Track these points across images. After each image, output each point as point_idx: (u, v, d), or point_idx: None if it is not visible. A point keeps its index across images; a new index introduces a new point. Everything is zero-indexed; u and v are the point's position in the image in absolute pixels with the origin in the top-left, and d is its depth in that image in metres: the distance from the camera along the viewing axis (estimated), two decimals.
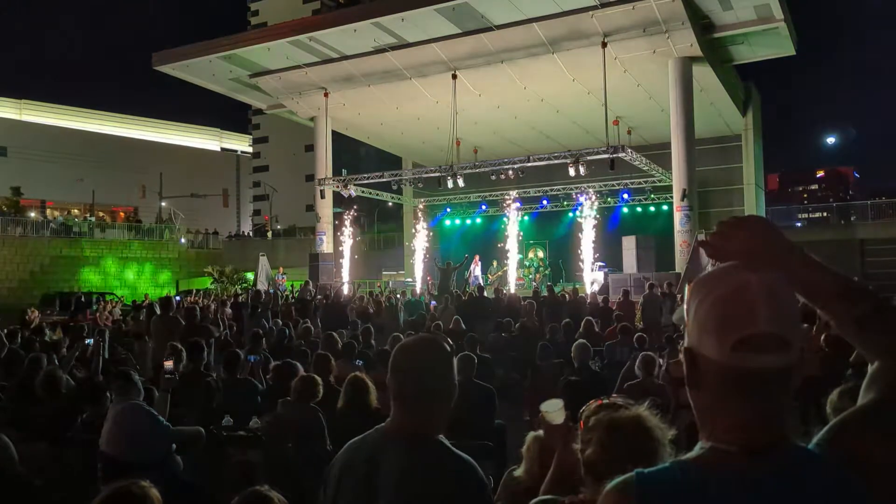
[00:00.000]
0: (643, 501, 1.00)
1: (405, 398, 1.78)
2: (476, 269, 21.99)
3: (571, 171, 17.13)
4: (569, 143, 22.01)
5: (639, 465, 1.54)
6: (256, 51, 19.48)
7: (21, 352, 6.81)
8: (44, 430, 4.91)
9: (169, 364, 5.42)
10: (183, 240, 37.23)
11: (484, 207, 26.37)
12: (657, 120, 19.64)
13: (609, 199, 23.49)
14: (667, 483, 1.01)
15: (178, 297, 17.15)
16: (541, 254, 25.00)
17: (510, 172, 18.55)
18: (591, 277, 18.54)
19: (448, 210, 27.48)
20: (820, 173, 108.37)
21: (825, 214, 34.53)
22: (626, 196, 22.85)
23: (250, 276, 27.46)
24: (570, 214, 21.99)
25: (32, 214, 38.26)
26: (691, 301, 1.07)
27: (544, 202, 24.54)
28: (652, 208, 23.24)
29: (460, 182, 18.51)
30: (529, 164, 18.44)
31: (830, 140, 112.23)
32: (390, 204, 28.26)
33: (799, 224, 30.46)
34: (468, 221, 27.43)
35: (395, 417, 1.79)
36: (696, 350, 1.05)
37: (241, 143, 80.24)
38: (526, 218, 23.68)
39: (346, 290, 18.49)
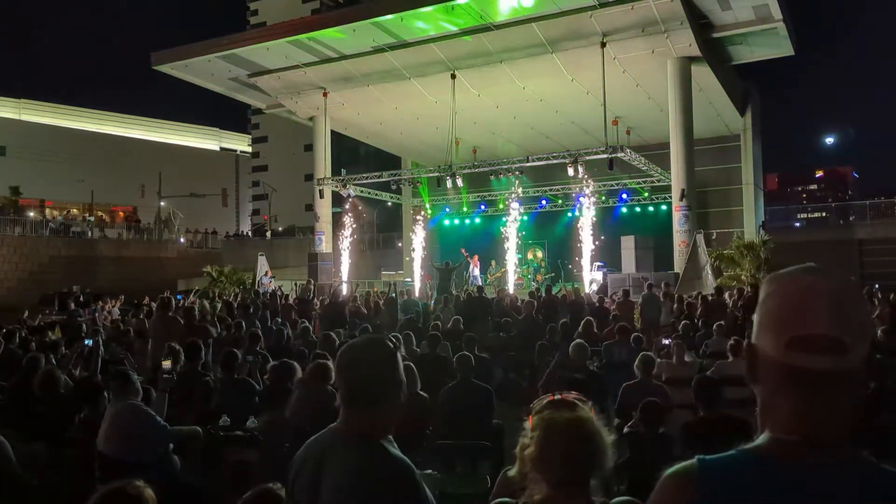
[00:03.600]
0: (703, 486, 1.02)
1: (347, 399, 1.79)
2: (475, 270, 21.97)
3: (570, 171, 17.13)
4: (568, 143, 22.01)
5: (572, 469, 1.61)
6: (255, 50, 19.49)
7: (19, 351, 6.81)
8: (42, 430, 4.91)
9: (167, 364, 5.42)
10: (182, 239, 37.24)
11: (483, 207, 26.36)
12: (656, 120, 19.62)
13: (609, 200, 23.50)
14: (729, 469, 1.04)
15: (179, 296, 17.12)
16: (540, 254, 24.99)
17: (509, 172, 18.55)
18: (591, 277, 18.53)
19: (447, 210, 27.47)
20: (819, 173, 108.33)
21: (824, 215, 34.55)
22: (624, 196, 22.84)
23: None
24: (570, 214, 21.98)
25: (31, 214, 38.24)
26: (762, 298, 1.10)
27: (543, 202, 24.54)
28: (651, 208, 23.25)
29: (459, 182, 18.51)
30: (529, 164, 18.43)
31: (829, 140, 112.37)
32: (390, 204, 28.21)
33: (798, 224, 30.44)
34: (467, 221, 27.44)
35: (341, 417, 1.81)
36: (756, 345, 1.08)
37: (240, 143, 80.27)
38: (525, 218, 23.68)
39: (344, 289, 18.47)
